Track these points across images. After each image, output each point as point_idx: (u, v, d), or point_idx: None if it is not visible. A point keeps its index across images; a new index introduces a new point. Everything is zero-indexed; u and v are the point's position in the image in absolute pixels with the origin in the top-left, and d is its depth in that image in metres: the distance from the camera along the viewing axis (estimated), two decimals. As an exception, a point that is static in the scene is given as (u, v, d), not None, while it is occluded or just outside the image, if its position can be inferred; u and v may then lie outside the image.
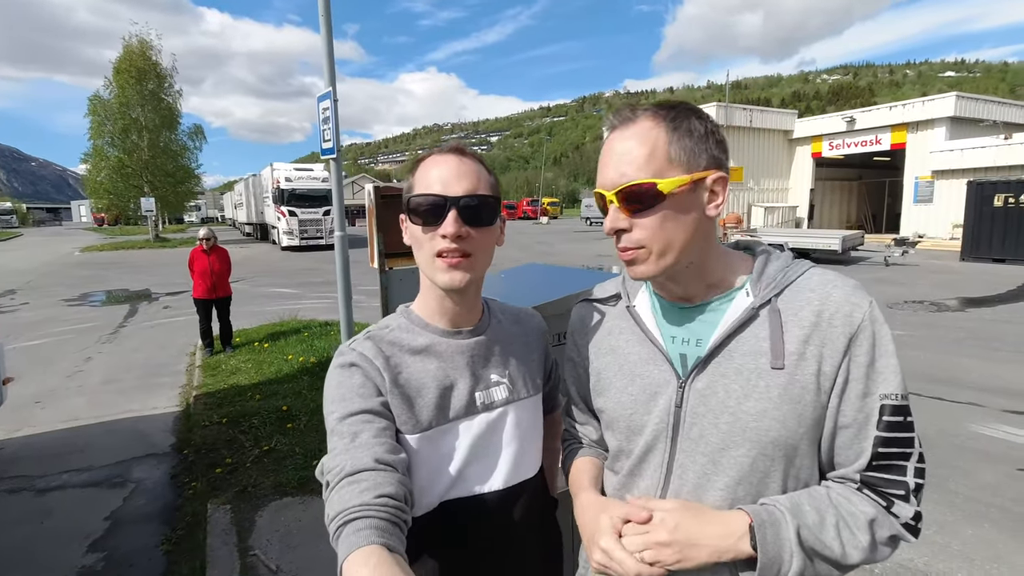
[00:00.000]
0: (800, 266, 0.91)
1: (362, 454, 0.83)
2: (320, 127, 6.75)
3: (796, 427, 0.83)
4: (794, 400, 0.82)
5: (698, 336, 0.91)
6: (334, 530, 0.76)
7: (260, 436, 4.51)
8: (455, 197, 0.94)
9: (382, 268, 4.35)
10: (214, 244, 7.13)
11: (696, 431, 0.88)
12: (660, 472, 0.92)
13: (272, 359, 6.66)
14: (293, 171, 25.19)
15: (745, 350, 0.86)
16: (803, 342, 0.83)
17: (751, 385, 0.84)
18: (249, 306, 10.29)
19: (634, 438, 0.96)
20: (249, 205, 33.79)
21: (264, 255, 22.80)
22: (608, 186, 0.86)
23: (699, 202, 0.86)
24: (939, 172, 19.31)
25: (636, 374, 0.96)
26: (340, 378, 0.95)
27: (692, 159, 0.84)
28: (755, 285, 0.90)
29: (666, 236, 0.85)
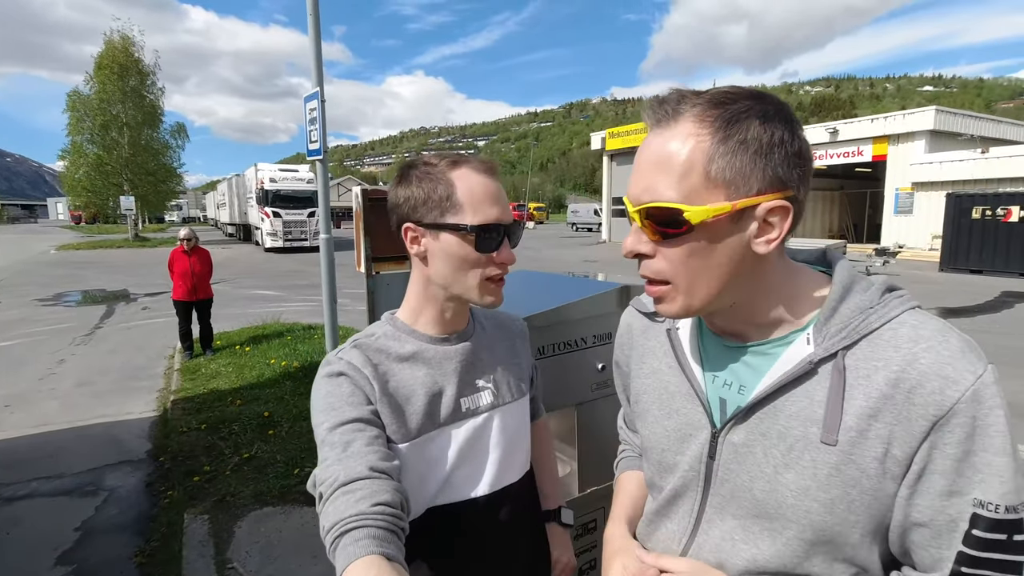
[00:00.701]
0: (889, 309, 0.69)
1: (356, 463, 0.81)
2: (307, 128, 6.65)
3: (846, 514, 0.67)
4: (847, 484, 0.66)
5: (742, 382, 0.76)
6: (331, 541, 0.74)
7: (240, 443, 4.39)
8: (509, 224, 0.97)
9: (369, 272, 4.28)
10: (195, 244, 6.97)
11: (728, 489, 0.76)
12: (688, 521, 0.82)
13: (254, 363, 6.52)
14: (278, 172, 24.93)
15: (793, 411, 0.70)
16: (868, 417, 0.65)
17: (794, 456, 0.69)
18: (231, 308, 10.10)
19: (665, 475, 0.86)
20: (232, 205, 33.36)
21: (247, 256, 22.47)
22: (632, 200, 0.71)
23: (744, 236, 0.67)
24: (919, 184, 19.69)
25: (673, 408, 0.84)
26: (329, 387, 0.93)
27: (742, 180, 0.65)
28: (820, 330, 0.70)
29: (692, 273, 0.69)
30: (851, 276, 0.73)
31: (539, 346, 1.73)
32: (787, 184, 0.66)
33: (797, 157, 0.66)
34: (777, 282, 0.73)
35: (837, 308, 0.70)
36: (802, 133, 0.68)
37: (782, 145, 0.65)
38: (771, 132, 0.65)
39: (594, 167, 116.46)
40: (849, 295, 0.71)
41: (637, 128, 28.23)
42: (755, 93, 0.68)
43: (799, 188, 0.67)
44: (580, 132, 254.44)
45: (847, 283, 0.72)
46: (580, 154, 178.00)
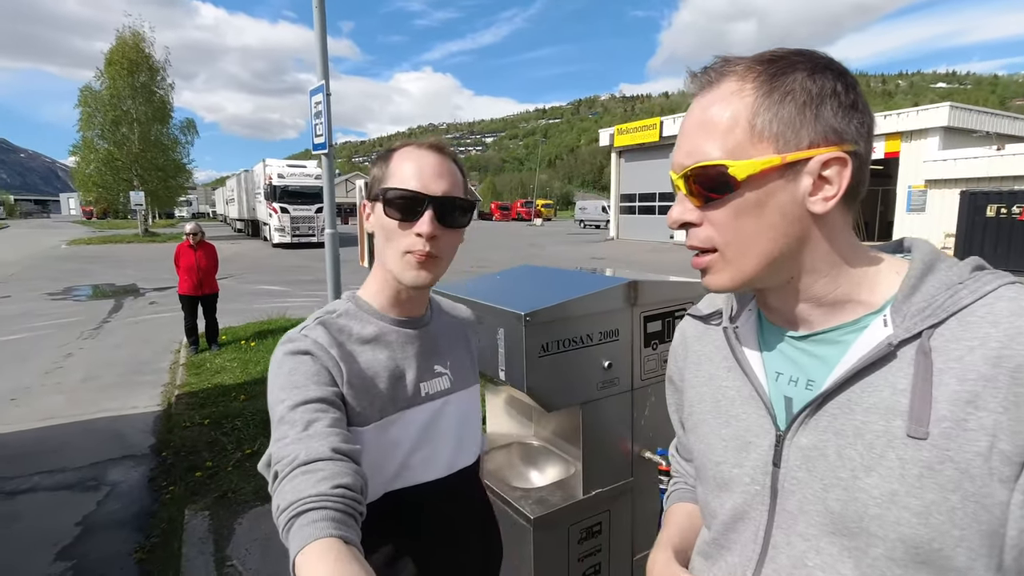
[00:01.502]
0: (985, 283, 0.60)
1: (317, 444, 0.79)
2: (312, 121, 6.61)
3: (948, 527, 0.55)
4: (945, 487, 0.55)
5: (809, 376, 0.67)
6: (285, 521, 0.71)
7: (243, 438, 4.36)
8: (433, 196, 0.94)
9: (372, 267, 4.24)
10: (201, 239, 6.96)
11: (795, 503, 0.65)
12: (754, 549, 0.70)
13: (259, 358, 6.50)
14: (286, 167, 24.97)
15: (872, 403, 0.60)
16: (965, 404, 0.55)
17: (876, 455, 0.59)
18: (236, 303, 10.10)
19: (721, 495, 0.75)
20: (241, 201, 33.49)
21: (254, 252, 22.55)
22: (676, 167, 0.67)
23: (796, 193, 0.61)
24: (932, 181, 19.40)
25: (731, 414, 0.75)
26: (293, 364, 0.91)
27: (791, 132, 0.60)
28: (899, 309, 0.62)
29: (742, 235, 0.63)
30: (935, 252, 0.65)
31: (542, 343, 1.67)
32: (844, 136, 0.60)
33: (853, 108, 0.61)
34: (843, 254, 0.65)
35: (919, 285, 0.62)
36: (858, 87, 0.62)
37: (835, 95, 0.60)
38: (821, 83, 0.60)
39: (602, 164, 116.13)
40: (933, 271, 0.63)
41: (646, 124, 28.06)
42: (802, 50, 0.63)
43: (859, 142, 0.61)
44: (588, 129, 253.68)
45: (930, 259, 0.64)
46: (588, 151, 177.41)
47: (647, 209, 28.66)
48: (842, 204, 0.63)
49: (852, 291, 0.65)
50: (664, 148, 26.85)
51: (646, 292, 2.07)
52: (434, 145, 0.99)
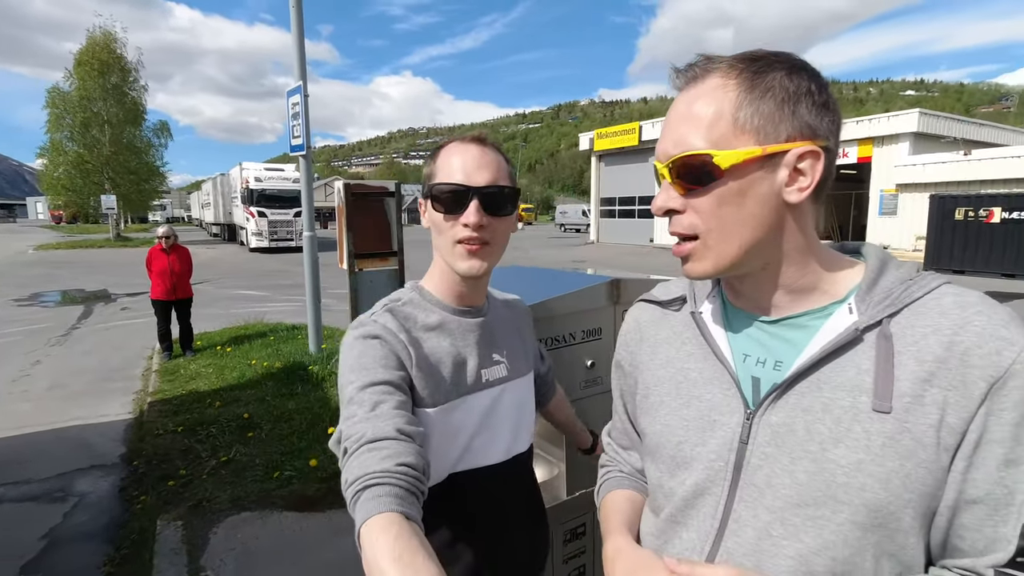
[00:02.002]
0: (928, 281, 0.68)
1: (383, 423, 0.83)
2: (290, 123, 6.52)
3: (901, 491, 0.62)
4: (903, 455, 0.62)
5: (777, 357, 0.72)
6: (352, 494, 0.76)
7: (218, 445, 4.25)
8: (477, 187, 0.98)
9: (351, 269, 4.16)
10: (174, 243, 6.80)
11: (763, 477, 0.69)
12: (712, 524, 0.73)
13: (235, 364, 6.36)
14: (263, 171, 24.65)
15: (839, 382, 0.66)
16: (923, 381, 0.62)
17: (843, 428, 0.64)
18: (212, 308, 9.91)
19: (678, 473, 0.78)
20: (217, 205, 32.96)
21: (231, 256, 22.17)
22: (661, 157, 0.70)
23: (774, 184, 0.66)
24: (903, 185, 19.89)
25: (694, 395, 0.78)
26: (363, 348, 0.95)
27: (770, 126, 0.64)
28: (863, 299, 0.68)
29: (723, 224, 0.67)
30: (885, 254, 0.74)
31: (525, 341, 1.64)
32: (817, 132, 0.65)
33: (825, 107, 0.66)
34: (811, 245, 0.71)
35: (877, 279, 0.70)
36: (829, 88, 0.67)
37: (809, 94, 0.65)
38: (797, 82, 0.65)
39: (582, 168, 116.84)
40: (887, 269, 0.71)
41: (626, 129, 28.30)
42: (779, 51, 0.68)
43: (830, 138, 0.66)
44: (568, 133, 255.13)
45: (883, 259, 0.72)
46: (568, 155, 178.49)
47: (627, 213, 28.88)
48: (812, 196, 0.68)
49: (818, 280, 0.72)
50: (644, 152, 27.10)
51: (629, 290, 2.06)
52: (476, 138, 1.03)
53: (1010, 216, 14.46)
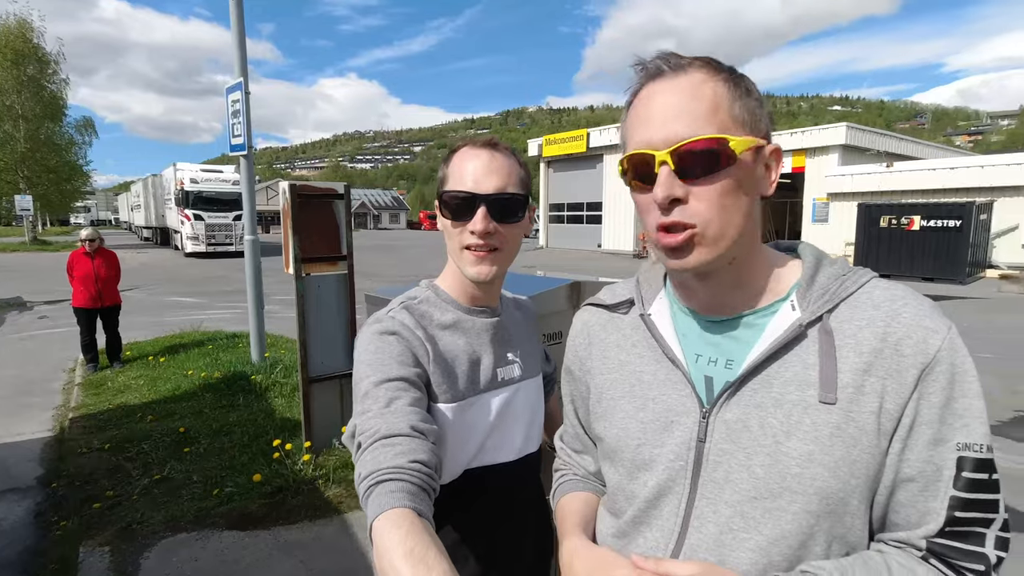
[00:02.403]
0: (860, 276, 0.72)
1: (398, 420, 0.84)
2: (230, 121, 6.22)
3: (848, 477, 0.66)
4: (849, 444, 0.66)
5: (729, 356, 0.74)
6: (365, 488, 0.77)
7: (151, 463, 3.96)
8: (484, 195, 0.97)
9: (298, 274, 3.97)
10: (99, 246, 6.33)
11: (721, 473, 0.71)
12: (674, 522, 0.74)
13: (169, 375, 5.99)
14: (200, 172, 23.58)
15: (787, 377, 0.69)
16: (862, 372, 0.66)
17: (794, 421, 0.67)
18: (144, 316, 9.35)
19: (639, 475, 0.78)
20: (148, 207, 31.31)
21: (164, 261, 21.03)
22: (659, 144, 0.67)
23: (758, 176, 0.70)
24: (833, 194, 21.07)
25: (649, 397, 0.78)
26: (379, 344, 0.96)
27: (754, 123, 0.68)
28: (803, 296, 0.71)
29: (727, 212, 0.67)
30: (819, 252, 0.77)
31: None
32: (769, 135, 0.72)
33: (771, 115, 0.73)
34: (762, 249, 0.76)
35: (815, 277, 0.73)
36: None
37: (764, 102, 0.72)
38: (757, 91, 0.71)
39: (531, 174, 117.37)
40: (822, 266, 0.75)
41: (574, 136, 28.72)
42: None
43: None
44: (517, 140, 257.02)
45: (818, 256, 0.76)
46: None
47: (575, 219, 29.29)
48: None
49: (766, 279, 0.75)
50: (592, 159, 27.59)
51: (588, 293, 2.04)
52: (487, 143, 1.02)
53: (928, 224, 15.57)
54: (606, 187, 27.00)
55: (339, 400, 4.00)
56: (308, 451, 3.77)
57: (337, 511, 3.35)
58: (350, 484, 3.58)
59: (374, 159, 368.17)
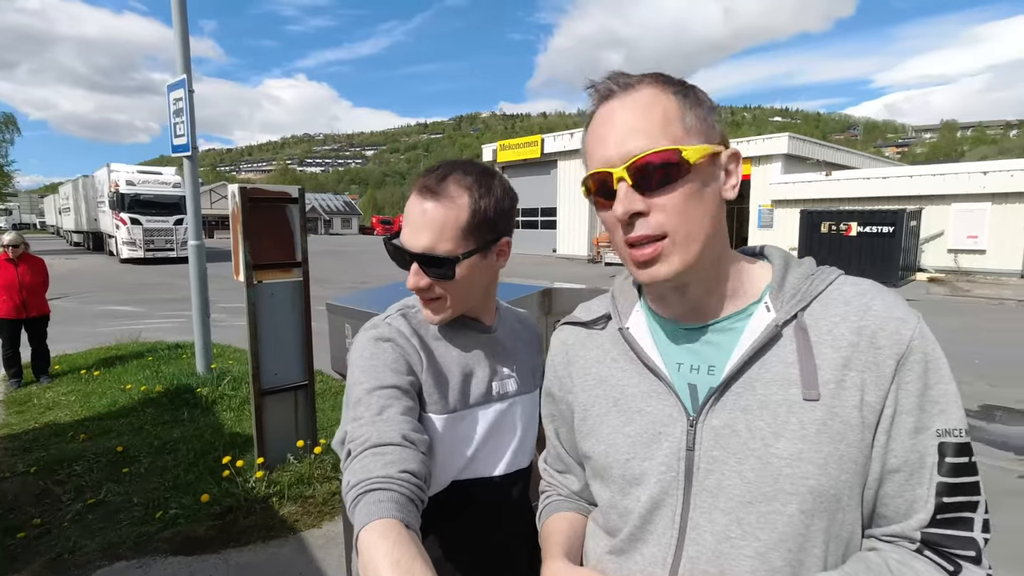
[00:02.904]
0: (828, 274, 0.75)
1: (389, 428, 0.84)
2: (172, 120, 5.91)
3: (838, 473, 0.66)
4: (835, 439, 0.66)
5: (710, 362, 0.74)
6: (353, 497, 0.76)
7: (84, 486, 3.67)
8: (412, 252, 0.95)
9: (249, 281, 3.76)
10: (23, 252, 5.88)
11: (713, 480, 0.70)
12: (671, 535, 0.72)
13: (104, 390, 5.61)
14: (137, 174, 22.41)
15: (769, 378, 0.69)
16: (842, 367, 0.67)
17: (780, 422, 0.67)
18: (76, 327, 8.77)
19: (631, 490, 0.77)
20: (79, 211, 29.52)
21: (98, 268, 19.84)
22: (616, 161, 0.69)
23: (718, 182, 0.72)
24: (778, 201, 22.00)
25: (634, 410, 0.77)
26: (374, 350, 0.96)
27: (708, 130, 0.71)
28: (776, 297, 0.73)
29: (691, 219, 0.69)
30: (786, 254, 0.79)
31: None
32: (726, 140, 0.73)
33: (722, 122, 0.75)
34: (732, 253, 0.78)
35: (785, 277, 0.75)
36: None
37: (715, 109, 0.73)
38: (705, 97, 0.73)
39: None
40: (791, 267, 0.76)
41: (528, 141, 28.90)
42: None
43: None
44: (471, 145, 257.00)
45: (786, 258, 0.78)
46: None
47: (530, 224, 29.44)
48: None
49: (738, 281, 0.76)
50: (545, 164, 27.82)
51: (559, 300, 2.01)
52: (421, 189, 0.96)
53: (864, 230, 16.48)
54: (560, 192, 27.29)
55: (294, 413, 3.82)
56: (261, 467, 3.58)
57: (293, 530, 3.18)
58: (306, 501, 3.42)
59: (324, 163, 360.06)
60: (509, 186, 1.03)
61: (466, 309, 1.04)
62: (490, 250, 1.00)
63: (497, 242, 1.01)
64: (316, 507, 3.39)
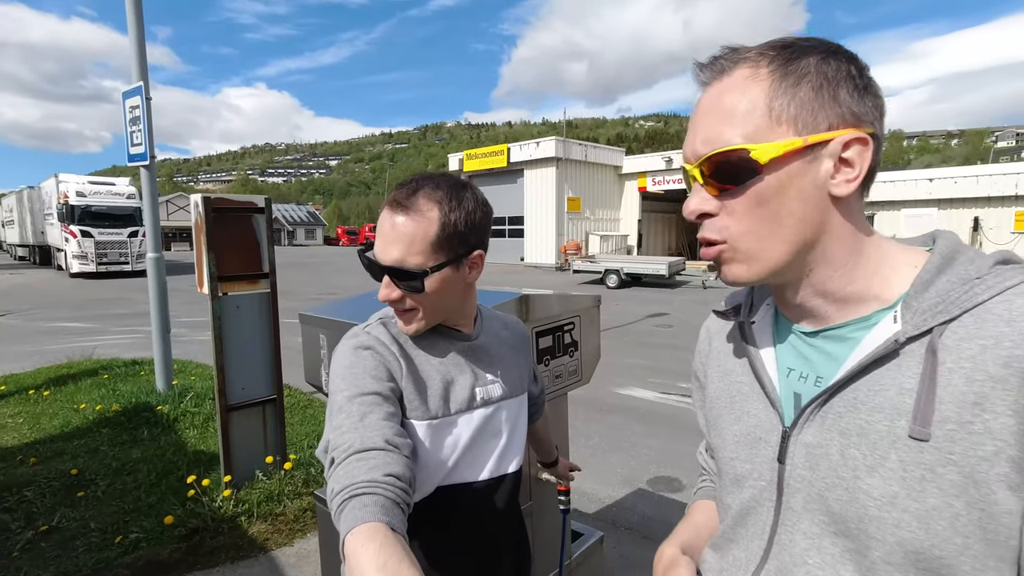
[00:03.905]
0: (1004, 279, 0.57)
1: (372, 433, 0.85)
2: (128, 129, 5.70)
3: (950, 534, 0.54)
4: (948, 492, 0.54)
5: (819, 373, 0.66)
6: (338, 504, 0.76)
7: (35, 512, 3.46)
8: (383, 265, 0.97)
9: (214, 294, 3.64)
10: (-30, 266, 5.57)
11: (800, 500, 0.65)
12: (759, 544, 0.70)
13: (55, 410, 5.32)
14: (87, 184, 21.50)
15: (877, 402, 0.59)
16: (972, 405, 0.53)
17: (879, 455, 0.58)
18: (22, 345, 8.31)
19: (733, 490, 0.75)
20: (23, 223, 28.18)
21: (46, 283, 18.92)
22: (691, 157, 0.65)
23: (818, 177, 0.60)
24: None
25: (744, 410, 0.74)
26: (354, 359, 0.97)
27: (809, 114, 0.59)
28: (909, 305, 0.60)
29: (760, 226, 0.62)
30: (957, 245, 0.63)
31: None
32: (862, 119, 0.60)
33: (867, 90, 0.60)
34: (860, 242, 0.64)
35: (934, 279, 0.60)
36: (869, 70, 0.62)
37: (850, 78, 0.60)
38: (836, 66, 0.60)
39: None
40: (951, 265, 0.60)
41: (495, 150, 29.02)
42: (811, 36, 0.63)
43: (875, 123, 0.61)
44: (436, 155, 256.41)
45: (950, 252, 0.62)
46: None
47: (497, 232, 29.47)
48: (859, 188, 0.62)
49: (866, 285, 0.64)
50: (512, 173, 27.96)
51: (537, 307, 2.01)
52: (391, 203, 0.97)
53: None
54: (528, 201, 27.44)
55: (262, 428, 3.70)
56: (228, 485, 3.45)
57: (263, 549, 3.08)
58: (277, 519, 3.31)
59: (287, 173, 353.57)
60: (483, 199, 1.03)
61: (441, 319, 1.05)
62: (462, 263, 1.01)
63: (469, 255, 1.01)
64: (287, 524, 3.29)
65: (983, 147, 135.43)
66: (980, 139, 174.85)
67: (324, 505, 1.67)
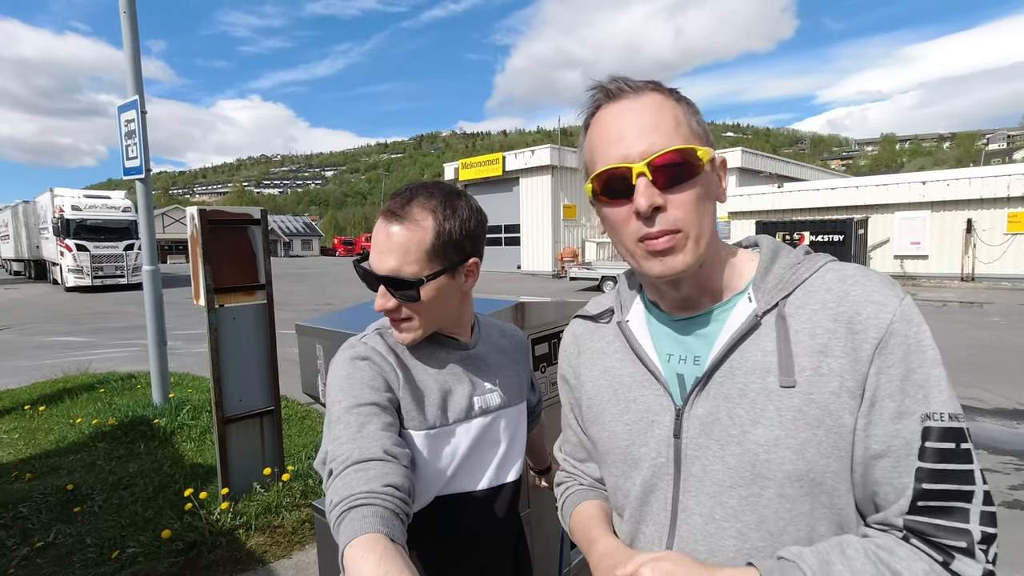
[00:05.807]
0: (814, 261, 0.76)
1: (370, 444, 0.85)
2: (123, 142, 5.72)
3: (818, 458, 0.68)
4: (813, 425, 0.68)
5: (696, 353, 0.78)
6: (337, 515, 0.76)
7: (31, 528, 3.44)
8: (378, 275, 0.97)
9: (211, 306, 3.64)
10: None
11: (699, 467, 0.75)
12: (665, 516, 0.79)
13: (51, 425, 5.29)
14: (83, 198, 21.52)
15: (748, 367, 0.72)
16: (819, 353, 0.69)
17: (758, 409, 0.71)
18: (15, 360, 8.32)
19: (630, 474, 0.83)
20: (19, 238, 28.16)
21: (42, 297, 18.87)
22: (635, 157, 0.71)
23: (716, 183, 0.76)
24: (734, 213, 22.81)
25: (630, 399, 0.83)
26: (351, 369, 0.97)
27: (705, 136, 0.75)
28: (758, 287, 0.76)
29: (701, 218, 0.72)
30: (776, 243, 0.81)
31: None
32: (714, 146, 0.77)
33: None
34: (718, 243, 0.79)
35: (770, 267, 0.77)
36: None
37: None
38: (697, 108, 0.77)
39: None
40: (778, 257, 0.78)
41: (490, 159, 29.12)
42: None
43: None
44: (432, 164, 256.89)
45: (775, 248, 0.80)
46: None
47: (494, 241, 29.54)
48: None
49: (727, 276, 0.79)
50: (507, 182, 28.06)
51: (532, 314, 2.02)
52: (386, 212, 0.97)
53: (816, 239, 17.20)
54: (523, 209, 27.52)
55: (259, 440, 3.69)
56: (225, 498, 3.43)
57: (262, 562, 3.06)
58: (275, 531, 3.29)
59: (283, 184, 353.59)
60: (477, 207, 1.04)
61: (438, 328, 1.05)
62: (457, 271, 1.01)
63: (465, 263, 1.01)
64: (285, 536, 3.27)
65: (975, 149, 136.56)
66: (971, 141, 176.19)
67: (322, 517, 1.66)
